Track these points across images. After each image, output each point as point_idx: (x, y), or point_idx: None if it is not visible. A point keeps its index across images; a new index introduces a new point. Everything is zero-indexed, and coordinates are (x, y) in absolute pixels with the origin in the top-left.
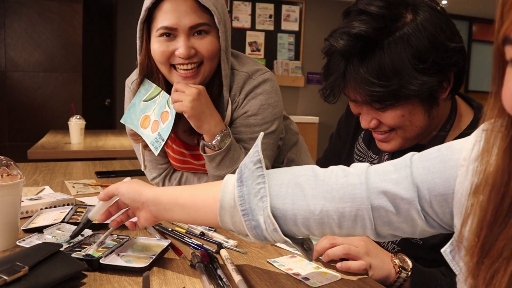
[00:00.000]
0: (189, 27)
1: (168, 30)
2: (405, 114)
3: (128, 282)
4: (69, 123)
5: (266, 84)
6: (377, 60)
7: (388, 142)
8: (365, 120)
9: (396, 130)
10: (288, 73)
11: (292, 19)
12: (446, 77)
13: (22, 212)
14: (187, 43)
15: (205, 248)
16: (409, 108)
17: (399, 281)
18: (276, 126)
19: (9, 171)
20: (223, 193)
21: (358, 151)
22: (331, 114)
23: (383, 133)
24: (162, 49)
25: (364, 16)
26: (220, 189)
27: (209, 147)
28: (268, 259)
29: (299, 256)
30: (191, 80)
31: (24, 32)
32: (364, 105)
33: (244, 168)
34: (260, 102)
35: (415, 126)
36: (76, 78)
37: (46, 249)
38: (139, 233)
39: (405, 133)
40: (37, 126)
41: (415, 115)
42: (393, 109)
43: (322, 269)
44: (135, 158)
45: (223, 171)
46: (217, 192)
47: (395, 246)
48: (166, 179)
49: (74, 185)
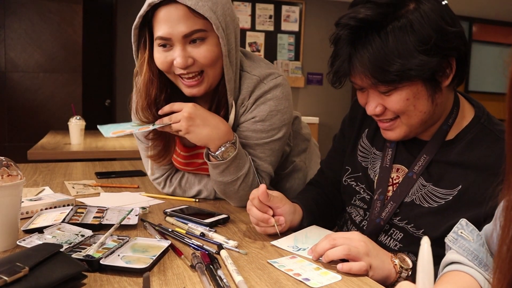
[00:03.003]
0: (182, 36)
1: (164, 40)
2: (410, 98)
3: (128, 283)
4: (69, 123)
5: (277, 90)
6: (381, 43)
7: (393, 130)
8: (370, 106)
9: (401, 118)
10: (288, 73)
11: (292, 20)
12: (448, 62)
13: (22, 212)
14: (183, 53)
15: (206, 249)
16: (413, 92)
17: (399, 281)
18: (284, 133)
19: (9, 171)
20: None
21: (362, 148)
22: (331, 115)
23: (388, 121)
24: (161, 60)
25: (369, 4)
26: None
27: (213, 156)
28: (268, 260)
29: (300, 257)
30: (196, 88)
31: (24, 33)
32: (370, 91)
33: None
34: (269, 108)
35: (419, 111)
36: (76, 78)
37: (46, 250)
38: (139, 234)
39: (409, 119)
40: (37, 127)
41: (419, 100)
42: (398, 92)
43: (322, 269)
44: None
45: (227, 178)
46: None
47: (397, 243)
48: (168, 179)
49: (74, 185)
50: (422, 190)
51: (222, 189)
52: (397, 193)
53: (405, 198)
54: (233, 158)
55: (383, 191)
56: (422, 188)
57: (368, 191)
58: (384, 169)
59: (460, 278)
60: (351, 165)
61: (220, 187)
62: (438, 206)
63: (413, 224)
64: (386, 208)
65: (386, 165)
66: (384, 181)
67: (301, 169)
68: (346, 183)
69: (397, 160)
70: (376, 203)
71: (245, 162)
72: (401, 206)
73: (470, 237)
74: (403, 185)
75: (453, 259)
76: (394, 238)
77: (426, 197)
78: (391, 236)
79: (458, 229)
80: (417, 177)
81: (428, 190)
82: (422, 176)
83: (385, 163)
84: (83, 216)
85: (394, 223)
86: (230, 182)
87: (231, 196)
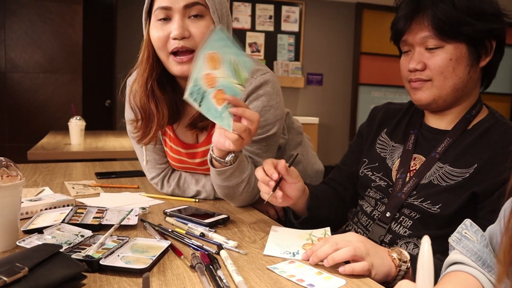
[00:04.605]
0: (183, 5)
1: (164, 10)
2: (453, 59)
3: (128, 283)
4: (69, 124)
5: (267, 86)
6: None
7: (423, 90)
8: (414, 61)
9: (436, 81)
10: (288, 74)
11: (292, 20)
12: (490, 42)
13: (22, 213)
14: (181, 23)
15: (205, 249)
16: (457, 54)
17: (400, 274)
18: (277, 128)
19: (9, 172)
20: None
21: (380, 141)
22: (331, 115)
23: (422, 81)
24: (158, 34)
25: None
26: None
27: (219, 162)
28: (268, 266)
29: (298, 261)
30: (186, 65)
31: (24, 33)
32: (416, 49)
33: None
34: (262, 103)
35: (456, 75)
36: (76, 79)
37: (46, 250)
38: (139, 234)
39: (445, 81)
40: (37, 127)
41: (460, 64)
42: (444, 50)
43: (324, 274)
44: (135, 159)
45: (232, 182)
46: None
47: (406, 230)
48: (165, 180)
49: (74, 186)
50: (439, 171)
51: (226, 192)
52: (419, 170)
53: (422, 179)
54: (238, 161)
55: (405, 170)
56: (439, 170)
57: (385, 178)
58: (406, 152)
59: (463, 279)
60: (368, 157)
61: (224, 191)
62: (456, 183)
63: (430, 201)
64: (408, 184)
65: (408, 148)
66: (407, 162)
67: (300, 162)
68: (363, 174)
69: (417, 150)
70: (399, 181)
71: (247, 164)
72: (418, 187)
73: (474, 237)
74: (426, 164)
75: (456, 259)
76: (404, 225)
77: (444, 177)
78: (400, 224)
79: (462, 229)
80: (440, 156)
81: (445, 171)
82: (439, 160)
83: (408, 146)
84: (83, 217)
85: (408, 203)
86: (235, 185)
87: (234, 198)
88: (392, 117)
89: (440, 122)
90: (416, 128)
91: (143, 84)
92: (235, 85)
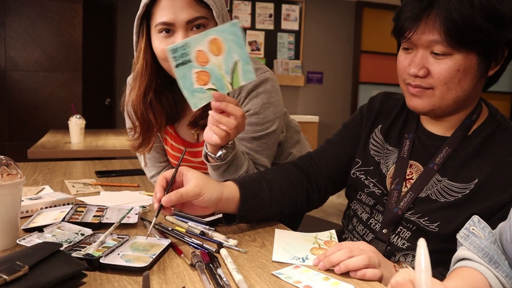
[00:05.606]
0: (186, 21)
1: (166, 26)
2: (460, 70)
3: (128, 282)
4: (69, 122)
5: (267, 84)
6: (470, 3)
7: (421, 98)
8: (415, 66)
9: (437, 90)
10: (288, 72)
11: (292, 19)
12: (502, 51)
13: (22, 211)
14: (185, 38)
15: (205, 248)
16: (465, 64)
17: None
18: (277, 126)
19: (9, 170)
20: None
21: (375, 141)
22: (331, 114)
23: (422, 88)
24: (162, 47)
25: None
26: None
27: (212, 158)
28: (272, 272)
29: (303, 266)
30: None
31: (24, 32)
32: (421, 51)
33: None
34: (262, 101)
35: (461, 87)
36: (76, 77)
37: (46, 249)
38: (139, 233)
39: (447, 92)
40: (37, 126)
41: (467, 75)
42: (452, 59)
43: (331, 279)
44: (135, 157)
45: (227, 177)
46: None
47: (405, 242)
48: None
49: (74, 184)
50: (437, 185)
51: None
52: (417, 183)
53: (420, 193)
54: (232, 158)
55: (400, 181)
56: (438, 183)
57: (379, 185)
58: (402, 159)
59: (469, 275)
60: (362, 158)
61: None
62: (455, 200)
63: (427, 218)
64: (404, 198)
65: (403, 155)
66: (402, 171)
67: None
68: (355, 176)
69: (413, 156)
70: (393, 192)
71: (243, 161)
72: (416, 201)
73: (482, 234)
74: (423, 176)
75: (463, 256)
76: (402, 236)
77: (442, 192)
78: (398, 235)
79: (469, 226)
80: (438, 168)
81: (444, 185)
82: (438, 171)
83: (403, 153)
84: (83, 215)
85: (405, 217)
86: None
87: None
88: (388, 112)
89: (438, 128)
90: (411, 132)
91: (141, 95)
92: (224, 80)
